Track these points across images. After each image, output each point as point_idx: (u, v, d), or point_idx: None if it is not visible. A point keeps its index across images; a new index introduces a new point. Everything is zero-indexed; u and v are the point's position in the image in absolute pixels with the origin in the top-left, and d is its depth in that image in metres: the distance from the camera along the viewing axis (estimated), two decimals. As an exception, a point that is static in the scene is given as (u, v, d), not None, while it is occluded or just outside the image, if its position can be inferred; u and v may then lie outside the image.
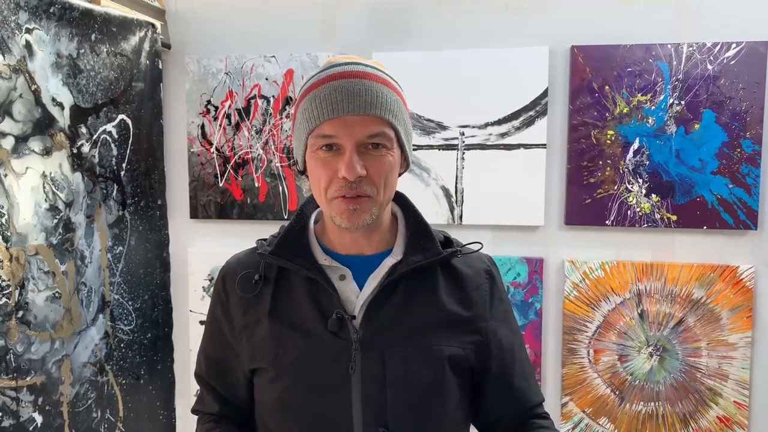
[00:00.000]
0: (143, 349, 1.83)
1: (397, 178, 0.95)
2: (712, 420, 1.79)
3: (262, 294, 0.98)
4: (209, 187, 2.01)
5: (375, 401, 0.91)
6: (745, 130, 1.72)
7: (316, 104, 0.88)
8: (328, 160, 0.89)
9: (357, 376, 0.91)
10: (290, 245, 0.97)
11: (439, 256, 0.95)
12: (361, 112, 0.87)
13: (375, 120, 0.88)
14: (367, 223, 0.91)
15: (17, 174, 1.39)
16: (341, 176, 0.87)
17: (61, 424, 1.52)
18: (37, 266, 1.44)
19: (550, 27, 1.82)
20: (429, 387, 0.93)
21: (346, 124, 0.87)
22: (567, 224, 1.84)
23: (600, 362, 1.84)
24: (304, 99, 0.92)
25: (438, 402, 0.94)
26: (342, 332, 0.91)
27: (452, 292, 0.97)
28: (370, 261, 0.96)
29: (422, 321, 0.94)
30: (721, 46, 1.72)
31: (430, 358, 0.93)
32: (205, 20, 2.00)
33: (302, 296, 0.95)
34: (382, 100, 0.88)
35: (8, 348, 1.36)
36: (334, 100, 0.87)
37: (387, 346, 0.92)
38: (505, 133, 1.84)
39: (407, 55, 1.88)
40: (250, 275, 0.98)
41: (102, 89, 1.67)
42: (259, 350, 0.96)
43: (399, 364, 0.92)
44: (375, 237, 0.98)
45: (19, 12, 1.38)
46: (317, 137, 0.89)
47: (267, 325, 0.96)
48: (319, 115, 0.88)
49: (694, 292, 1.78)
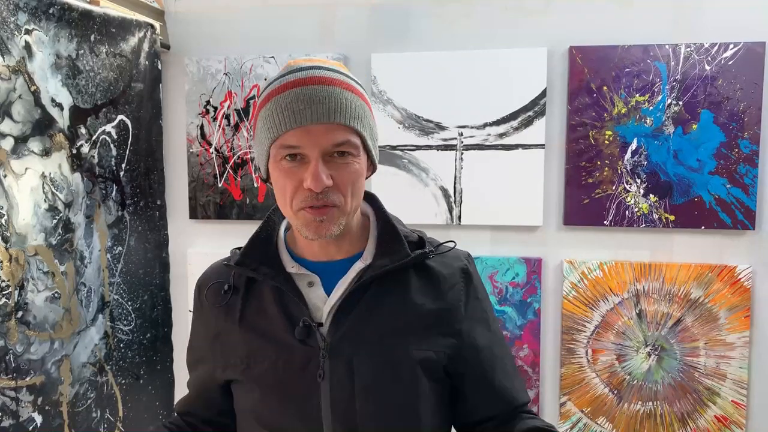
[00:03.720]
0: (143, 349, 1.84)
1: (364, 184, 0.93)
2: (710, 419, 1.80)
3: (233, 303, 0.97)
4: (208, 187, 2.01)
5: (344, 409, 0.90)
6: (742, 130, 1.73)
7: (278, 113, 0.85)
8: (293, 170, 0.86)
9: (326, 383, 0.90)
10: (256, 254, 0.96)
11: (407, 259, 0.93)
12: (325, 120, 0.84)
13: (339, 128, 0.85)
14: (334, 234, 0.88)
15: (17, 175, 1.39)
16: (307, 187, 0.84)
17: (60, 424, 1.52)
18: (37, 267, 1.45)
19: (548, 28, 1.82)
20: (399, 393, 0.91)
21: (310, 133, 0.84)
22: (565, 224, 1.84)
23: (598, 362, 1.84)
24: (264, 106, 0.88)
25: (410, 408, 0.92)
26: (310, 340, 0.90)
27: (426, 294, 0.95)
28: (340, 266, 0.95)
29: (392, 325, 0.92)
30: (718, 46, 1.72)
31: (400, 363, 0.91)
32: (205, 21, 2.01)
33: (271, 304, 0.94)
34: (346, 106, 0.86)
35: (8, 348, 1.36)
36: (296, 109, 0.83)
37: (355, 353, 0.90)
38: (503, 133, 1.85)
39: (406, 56, 1.88)
40: (221, 285, 0.98)
41: (101, 90, 1.67)
42: (231, 360, 0.97)
43: (367, 371, 0.90)
44: (345, 242, 0.96)
45: (19, 13, 1.38)
46: (280, 147, 0.86)
47: (238, 334, 0.96)
48: (280, 123, 0.84)
49: (692, 292, 1.78)
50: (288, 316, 0.93)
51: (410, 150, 1.89)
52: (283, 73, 0.89)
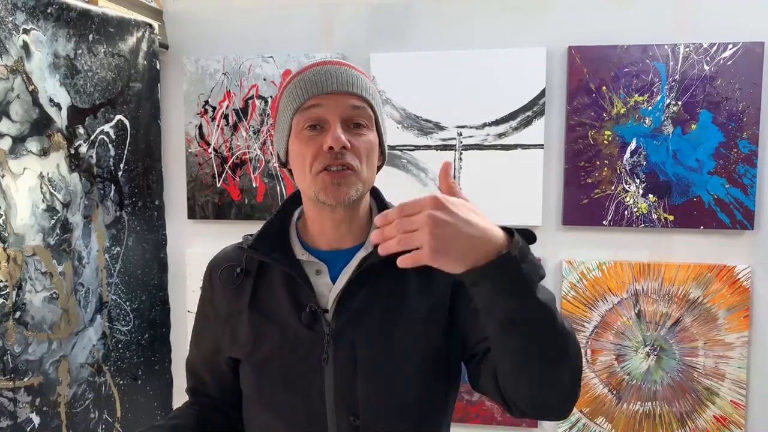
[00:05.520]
0: (141, 350, 1.83)
1: (376, 163, 0.99)
2: (709, 419, 1.80)
3: (244, 286, 1.02)
4: (207, 187, 2.01)
5: (346, 391, 0.94)
6: (741, 130, 1.73)
7: (301, 85, 0.93)
8: (313, 138, 0.92)
9: (330, 367, 0.94)
10: (270, 240, 1.01)
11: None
12: (344, 89, 0.92)
13: (356, 97, 0.94)
14: (352, 198, 0.93)
15: (15, 175, 1.39)
16: (326, 148, 0.90)
17: (58, 424, 1.52)
18: (35, 267, 1.44)
19: (547, 28, 1.82)
20: (398, 377, 0.95)
21: (330, 98, 0.92)
22: (564, 224, 1.84)
23: (597, 362, 1.84)
24: (288, 86, 0.97)
25: (409, 392, 0.96)
26: (315, 325, 0.95)
27: (420, 281, 0.99)
28: (346, 255, 0.99)
29: (389, 313, 0.96)
30: (717, 46, 1.72)
31: (399, 348, 0.95)
32: (203, 21, 2.00)
33: (280, 289, 0.98)
34: (363, 82, 0.95)
35: (6, 349, 1.36)
36: (319, 80, 0.93)
37: (357, 338, 0.94)
38: (502, 133, 1.84)
39: (405, 56, 1.88)
40: (233, 268, 1.03)
41: (99, 90, 1.67)
42: (239, 340, 1.00)
43: (368, 355, 0.94)
44: (353, 226, 1.00)
45: (17, 12, 1.38)
46: (303, 112, 0.93)
47: (247, 316, 1.00)
48: (304, 93, 0.93)
49: (691, 292, 1.78)
50: (296, 301, 0.97)
51: (409, 150, 1.89)
52: (303, 67, 0.98)
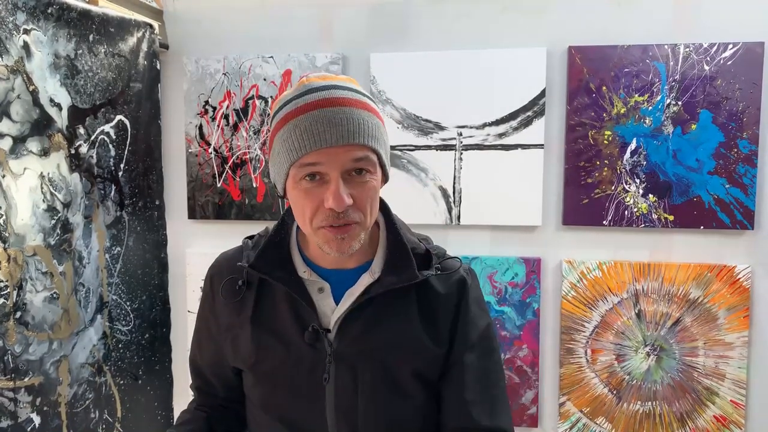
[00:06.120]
0: (141, 350, 1.83)
1: (379, 199, 0.95)
2: (709, 419, 1.80)
3: (246, 299, 1.00)
4: (207, 187, 2.01)
5: (347, 410, 0.95)
6: (741, 130, 1.73)
7: (297, 135, 0.86)
8: (312, 190, 0.88)
9: (330, 386, 0.95)
10: (270, 257, 0.98)
11: (414, 280, 0.95)
12: (345, 142, 0.85)
13: (358, 147, 0.87)
14: (355, 248, 0.91)
15: (15, 175, 1.39)
16: (328, 207, 0.86)
17: (59, 424, 1.52)
18: (35, 267, 1.44)
19: (547, 28, 1.82)
20: (397, 399, 0.97)
21: (330, 153, 0.85)
22: (564, 224, 1.84)
23: (597, 362, 1.84)
24: (282, 128, 0.89)
25: (406, 413, 0.98)
26: (318, 344, 0.95)
27: (422, 311, 0.98)
28: (350, 275, 0.98)
29: (391, 339, 0.96)
30: (717, 46, 1.72)
31: (399, 373, 0.97)
32: (203, 21, 2.00)
33: (283, 305, 0.97)
34: (364, 127, 0.88)
35: (6, 349, 1.36)
36: (316, 132, 0.85)
37: (358, 360, 0.95)
38: (502, 133, 1.85)
39: (405, 56, 1.88)
40: (234, 281, 1.00)
41: (100, 90, 1.67)
42: (241, 352, 1.00)
43: (369, 377, 0.95)
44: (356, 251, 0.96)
45: (17, 13, 1.38)
46: (300, 167, 0.87)
47: (249, 330, 0.99)
48: (301, 147, 0.86)
49: (691, 292, 1.78)
50: (298, 319, 0.96)
51: (409, 150, 1.89)
52: (299, 94, 0.89)
